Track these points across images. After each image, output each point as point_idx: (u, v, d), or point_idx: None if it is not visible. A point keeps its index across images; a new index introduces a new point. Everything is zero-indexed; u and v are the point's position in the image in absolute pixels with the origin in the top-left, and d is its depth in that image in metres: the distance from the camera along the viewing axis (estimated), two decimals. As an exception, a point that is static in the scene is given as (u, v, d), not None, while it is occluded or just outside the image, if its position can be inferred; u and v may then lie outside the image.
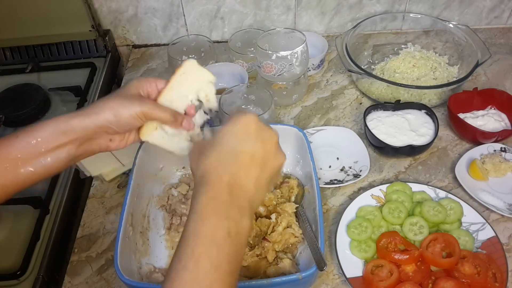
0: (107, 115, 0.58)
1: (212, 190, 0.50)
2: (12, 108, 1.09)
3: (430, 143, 0.93)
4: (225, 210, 0.48)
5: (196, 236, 0.46)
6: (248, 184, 0.51)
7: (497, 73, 1.15)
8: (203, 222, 0.47)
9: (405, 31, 1.27)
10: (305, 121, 1.06)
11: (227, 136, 0.53)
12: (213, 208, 0.48)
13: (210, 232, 0.46)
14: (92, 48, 1.26)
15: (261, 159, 0.53)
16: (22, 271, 0.81)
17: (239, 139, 0.53)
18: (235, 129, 0.53)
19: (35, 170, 0.57)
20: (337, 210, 0.88)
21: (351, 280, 0.74)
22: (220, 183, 0.50)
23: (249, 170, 0.52)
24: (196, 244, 0.45)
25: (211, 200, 0.49)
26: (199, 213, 0.48)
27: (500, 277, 0.73)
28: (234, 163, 0.51)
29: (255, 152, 0.53)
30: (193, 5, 1.22)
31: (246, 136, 0.53)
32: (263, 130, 0.54)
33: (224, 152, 0.52)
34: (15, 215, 0.91)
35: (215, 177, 0.50)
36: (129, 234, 0.72)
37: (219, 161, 0.52)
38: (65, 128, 0.57)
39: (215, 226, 0.47)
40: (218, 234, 0.46)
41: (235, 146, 0.52)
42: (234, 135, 0.53)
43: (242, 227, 0.49)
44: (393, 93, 1.05)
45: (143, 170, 0.80)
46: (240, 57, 1.11)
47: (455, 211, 0.82)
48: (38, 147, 0.56)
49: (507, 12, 1.26)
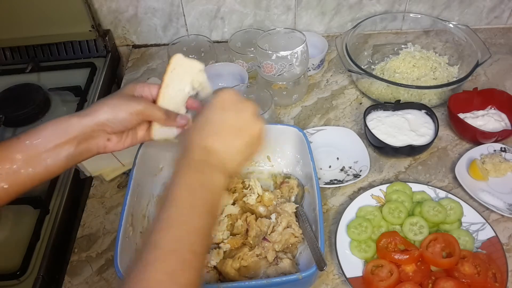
0: (104, 113, 0.61)
1: (189, 152, 0.56)
2: (12, 108, 1.09)
3: (430, 143, 0.93)
4: (200, 166, 0.55)
5: (174, 186, 0.53)
6: (218, 147, 0.57)
7: (497, 73, 1.15)
8: (181, 175, 0.54)
9: (405, 31, 1.27)
10: (305, 121, 1.06)
11: (205, 109, 0.60)
12: (189, 165, 0.55)
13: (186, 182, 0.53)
14: (92, 48, 1.26)
15: (233, 126, 0.59)
16: (22, 271, 0.81)
17: (214, 110, 0.60)
18: (212, 103, 0.60)
19: (35, 170, 0.58)
20: (337, 210, 0.88)
21: (351, 280, 0.74)
22: (195, 146, 0.57)
23: (219, 135, 0.58)
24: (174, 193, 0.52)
25: (187, 160, 0.56)
26: (178, 170, 0.55)
27: (500, 277, 0.73)
28: (207, 130, 0.58)
29: (227, 120, 0.59)
30: (193, 5, 1.22)
31: (220, 107, 0.60)
32: (238, 102, 0.60)
33: (200, 122, 0.59)
34: (15, 215, 0.91)
35: (190, 143, 0.57)
36: (129, 234, 0.72)
37: (195, 130, 0.59)
38: (64, 127, 0.60)
39: (190, 177, 0.54)
40: (193, 184, 0.53)
41: (210, 116, 0.59)
42: (210, 108, 0.60)
43: (214, 181, 0.55)
44: (393, 93, 1.05)
45: (143, 170, 0.80)
46: (240, 57, 1.11)
47: (455, 211, 0.82)
48: (38, 147, 0.58)
49: (507, 12, 1.26)
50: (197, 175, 0.54)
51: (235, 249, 0.77)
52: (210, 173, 0.55)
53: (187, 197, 0.52)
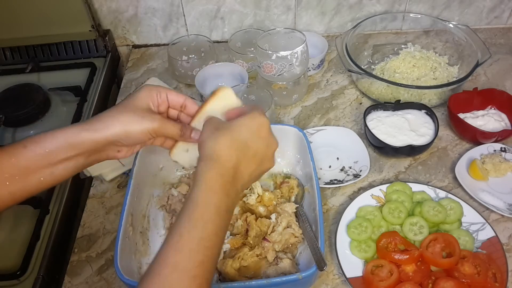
0: (117, 130, 0.59)
1: (221, 168, 0.55)
2: (12, 108, 1.09)
3: (430, 143, 0.93)
4: (228, 189, 0.55)
5: (206, 204, 0.52)
6: (245, 173, 0.58)
7: (497, 73, 1.15)
8: (213, 195, 0.53)
9: (405, 31, 1.27)
10: (305, 121, 1.06)
11: (244, 127, 0.59)
12: (220, 184, 0.54)
13: (216, 204, 0.53)
14: (92, 48, 1.26)
15: (260, 157, 0.60)
16: (22, 271, 0.81)
17: (252, 134, 0.59)
18: (251, 124, 0.59)
19: (43, 179, 0.57)
20: (337, 210, 0.88)
21: (351, 280, 0.74)
22: (229, 164, 0.56)
23: (249, 162, 0.59)
24: (206, 210, 0.52)
25: (219, 177, 0.55)
26: (208, 185, 0.54)
27: (500, 277, 0.73)
28: (242, 152, 0.57)
29: (259, 150, 0.59)
30: (193, 5, 1.22)
31: (257, 134, 0.59)
32: (270, 136, 0.61)
33: (237, 139, 0.58)
34: (15, 215, 0.91)
35: (226, 158, 0.56)
36: (129, 234, 0.72)
37: (231, 146, 0.57)
38: (75, 141, 0.58)
39: (220, 200, 0.54)
40: (221, 207, 0.53)
41: (247, 139, 0.58)
42: (249, 130, 0.59)
43: (234, 206, 0.57)
44: (393, 93, 1.05)
45: (143, 170, 0.80)
46: (240, 57, 1.11)
47: (455, 211, 0.82)
48: (47, 159, 0.57)
49: (507, 12, 1.26)
50: (226, 199, 0.54)
51: (235, 249, 0.77)
52: (234, 198, 0.57)
53: (216, 222, 0.52)
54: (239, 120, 0.60)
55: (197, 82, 1.06)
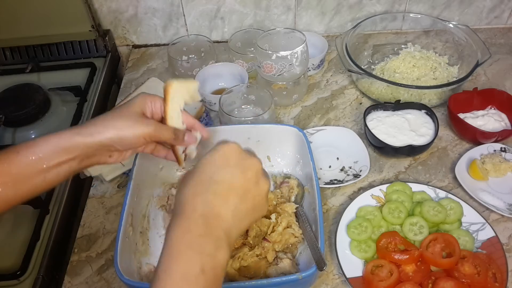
0: (110, 135, 0.58)
1: (186, 222, 0.47)
2: (12, 108, 1.09)
3: (430, 143, 0.93)
4: (199, 245, 0.46)
5: (168, 275, 0.44)
6: (225, 214, 0.49)
7: (497, 73, 1.15)
8: (176, 259, 0.45)
9: (405, 31, 1.27)
10: (305, 121, 1.06)
11: (205, 164, 0.52)
12: (186, 243, 0.46)
13: (182, 270, 0.44)
14: (92, 48, 1.26)
15: (240, 187, 0.51)
16: (22, 271, 0.81)
17: (217, 167, 0.52)
18: (213, 157, 0.53)
19: (36, 184, 0.57)
20: (337, 210, 0.88)
21: (351, 280, 0.74)
22: (194, 214, 0.48)
23: (226, 199, 0.50)
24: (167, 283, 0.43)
25: (184, 234, 0.47)
26: (172, 249, 0.46)
27: (500, 277, 0.73)
28: (210, 192, 0.50)
29: (233, 180, 0.51)
30: (193, 5, 1.22)
31: (224, 164, 0.52)
32: (243, 159, 0.53)
33: (201, 180, 0.51)
34: (15, 215, 0.91)
35: (190, 208, 0.48)
36: (129, 234, 0.72)
37: (195, 190, 0.50)
38: (67, 146, 0.57)
39: (188, 263, 0.44)
40: (191, 272, 0.44)
41: (212, 174, 0.51)
42: (212, 163, 0.52)
43: (218, 260, 0.46)
44: (393, 93, 1.05)
45: (143, 170, 0.80)
46: (240, 57, 1.11)
47: (455, 211, 0.82)
48: (40, 164, 0.56)
49: (507, 12, 1.26)
50: (198, 258, 0.45)
51: (235, 249, 0.77)
52: (214, 251, 0.46)
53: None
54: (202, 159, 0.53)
55: (197, 82, 1.06)
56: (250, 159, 0.54)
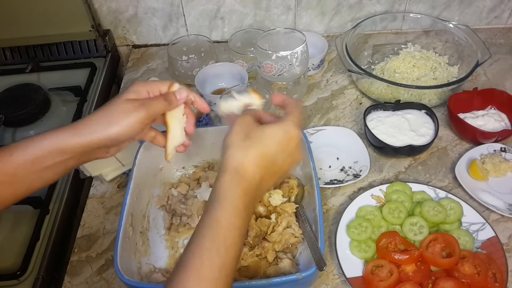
0: (107, 132, 0.58)
1: (246, 184, 0.53)
2: (12, 108, 1.09)
3: (430, 143, 0.93)
4: (251, 208, 0.54)
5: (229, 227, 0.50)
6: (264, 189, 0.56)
7: (497, 73, 1.15)
8: (237, 217, 0.51)
9: (405, 31, 1.27)
10: (305, 121, 1.06)
11: (274, 140, 0.56)
12: (245, 204, 0.52)
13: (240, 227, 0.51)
14: (92, 48, 1.26)
15: (283, 174, 0.59)
16: (22, 271, 0.81)
17: (282, 149, 0.56)
18: (283, 138, 0.56)
19: (32, 183, 0.57)
20: (337, 210, 0.88)
21: (351, 280, 0.74)
22: (253, 181, 0.54)
23: (271, 178, 0.56)
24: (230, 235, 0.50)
25: (243, 195, 0.52)
26: (234, 206, 0.51)
27: (500, 277, 0.73)
28: (266, 169, 0.55)
29: (284, 166, 0.57)
30: (193, 5, 1.22)
31: (286, 148, 0.56)
32: (298, 151, 0.59)
33: (265, 153, 0.55)
34: (15, 215, 0.91)
35: (251, 175, 0.54)
36: (129, 234, 0.72)
37: (258, 160, 0.54)
38: (63, 147, 0.57)
39: (244, 220, 0.52)
40: (243, 229, 0.52)
41: (275, 154, 0.56)
42: (279, 143, 0.56)
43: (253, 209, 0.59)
44: (393, 93, 1.05)
45: (143, 170, 0.80)
46: (240, 57, 1.11)
47: (455, 211, 0.82)
48: (35, 165, 0.56)
49: (507, 12, 1.26)
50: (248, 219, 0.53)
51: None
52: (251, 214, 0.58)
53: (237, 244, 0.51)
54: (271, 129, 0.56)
55: (197, 82, 1.06)
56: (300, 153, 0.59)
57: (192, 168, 0.90)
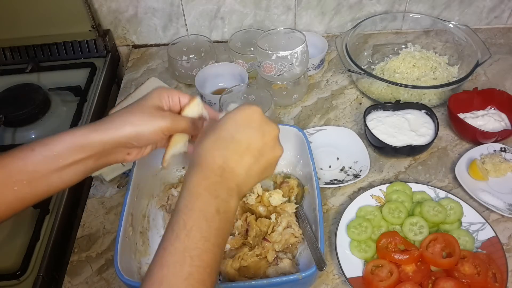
0: (127, 131, 0.57)
1: (205, 170, 0.52)
2: (12, 108, 1.09)
3: (430, 143, 0.93)
4: (215, 190, 0.51)
5: (188, 210, 0.49)
6: (239, 170, 0.54)
7: (497, 73, 1.15)
8: (195, 199, 0.50)
9: (405, 31, 1.27)
10: (305, 121, 1.06)
11: (228, 122, 0.55)
12: (204, 186, 0.51)
13: (201, 208, 0.50)
14: (92, 48, 1.26)
15: (257, 149, 0.55)
16: (22, 271, 0.81)
17: (239, 126, 0.55)
18: (237, 117, 0.56)
19: (52, 183, 0.56)
20: (337, 210, 0.88)
21: (351, 280, 0.74)
22: (213, 165, 0.53)
23: (243, 157, 0.54)
24: (188, 217, 0.49)
25: (203, 180, 0.52)
26: (191, 191, 0.51)
27: (500, 277, 0.73)
28: (229, 148, 0.54)
29: (252, 141, 0.55)
30: (193, 5, 1.22)
31: (246, 124, 0.55)
32: (264, 123, 0.56)
33: (222, 136, 0.54)
34: (15, 215, 0.90)
35: (210, 159, 0.53)
36: (129, 234, 0.72)
37: (215, 144, 0.54)
38: (83, 143, 0.56)
39: (206, 203, 0.50)
40: (208, 210, 0.50)
41: (233, 132, 0.54)
42: (235, 122, 0.55)
43: (230, 206, 0.52)
44: (393, 93, 1.05)
45: (143, 170, 0.80)
46: (240, 57, 1.11)
47: (455, 211, 0.82)
48: (55, 162, 0.55)
49: (507, 12, 1.26)
50: (214, 201, 0.51)
51: (235, 249, 0.77)
52: (227, 198, 0.52)
53: (202, 226, 0.49)
54: (224, 116, 0.56)
55: (197, 82, 1.06)
56: (270, 125, 0.57)
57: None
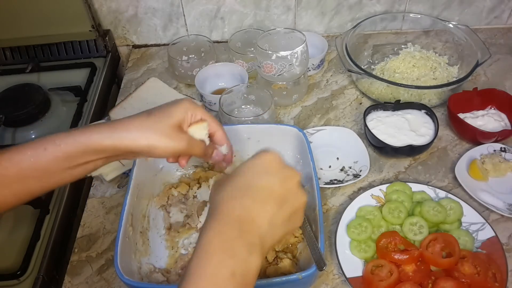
0: (142, 145, 0.57)
1: (220, 224, 0.47)
2: (12, 108, 1.09)
3: (430, 143, 0.93)
4: (232, 247, 0.45)
5: (197, 276, 0.43)
6: (261, 220, 0.48)
7: (497, 73, 1.15)
8: (206, 261, 0.44)
9: (405, 31, 1.27)
10: (305, 121, 1.06)
11: (246, 169, 0.52)
12: (219, 243, 0.45)
13: (212, 272, 0.43)
14: (92, 48, 1.26)
15: (279, 196, 0.50)
16: (22, 271, 0.81)
17: (258, 173, 0.51)
18: (254, 163, 0.52)
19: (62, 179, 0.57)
20: (337, 210, 0.88)
21: (351, 280, 0.74)
22: (230, 217, 0.47)
23: (265, 205, 0.49)
24: (197, 283, 0.43)
25: (217, 235, 0.46)
26: (204, 249, 0.45)
27: (499, 277, 0.73)
28: (249, 197, 0.49)
29: (273, 187, 0.50)
30: (193, 5, 1.22)
31: (265, 170, 0.52)
32: (284, 168, 0.53)
33: (240, 185, 0.50)
34: (15, 215, 0.91)
35: (226, 210, 0.48)
36: (129, 234, 0.72)
37: (233, 194, 0.49)
38: (97, 148, 0.56)
39: (218, 265, 0.43)
40: (221, 275, 0.43)
41: (252, 180, 0.51)
42: (253, 169, 0.52)
43: (250, 266, 0.45)
44: (393, 93, 1.05)
45: (143, 170, 0.80)
46: (240, 57, 1.11)
47: (455, 211, 0.82)
48: (68, 162, 0.56)
49: (507, 12, 1.26)
50: (230, 261, 0.44)
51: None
52: (247, 256, 0.45)
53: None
54: (242, 164, 0.53)
55: (197, 82, 1.06)
56: (290, 170, 0.53)
57: (192, 168, 0.91)
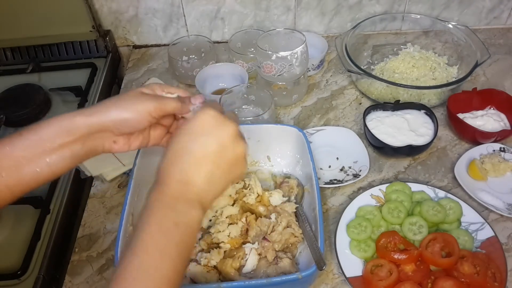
0: (113, 115, 0.58)
1: (162, 186, 0.53)
2: (12, 108, 1.09)
3: (430, 143, 0.93)
4: (172, 203, 0.51)
5: (145, 226, 0.49)
6: (197, 180, 0.53)
7: (496, 73, 1.15)
8: (152, 214, 0.50)
9: (405, 31, 1.27)
10: (305, 121, 1.06)
11: (181, 134, 0.55)
12: (161, 201, 0.51)
13: (157, 222, 0.49)
14: (92, 49, 1.26)
15: (214, 154, 0.54)
16: (22, 270, 0.81)
17: (192, 136, 0.55)
18: (189, 127, 0.55)
19: (39, 170, 0.56)
20: (337, 210, 0.88)
21: (350, 279, 0.75)
22: (170, 180, 0.53)
23: (199, 167, 0.54)
24: (145, 233, 0.49)
25: (160, 195, 0.52)
26: (149, 206, 0.51)
27: (499, 277, 0.73)
28: (184, 161, 0.54)
29: (208, 147, 0.54)
30: (194, 6, 1.22)
31: (199, 132, 0.55)
32: (218, 125, 0.55)
33: (176, 150, 0.54)
34: (16, 215, 0.91)
35: (166, 175, 0.53)
36: (129, 234, 0.72)
37: (171, 160, 0.54)
38: (69, 127, 0.57)
39: (163, 217, 0.50)
40: (165, 224, 0.49)
41: (186, 144, 0.54)
42: (187, 133, 0.55)
43: (191, 217, 0.52)
44: (393, 93, 1.05)
45: (143, 170, 0.80)
46: (240, 57, 1.12)
47: (455, 211, 0.82)
48: (42, 146, 0.56)
49: (506, 12, 1.26)
50: (171, 214, 0.51)
51: (235, 249, 0.77)
52: (187, 210, 0.52)
53: (158, 240, 0.48)
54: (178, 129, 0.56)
55: (197, 82, 1.06)
56: (225, 124, 0.55)
57: None
